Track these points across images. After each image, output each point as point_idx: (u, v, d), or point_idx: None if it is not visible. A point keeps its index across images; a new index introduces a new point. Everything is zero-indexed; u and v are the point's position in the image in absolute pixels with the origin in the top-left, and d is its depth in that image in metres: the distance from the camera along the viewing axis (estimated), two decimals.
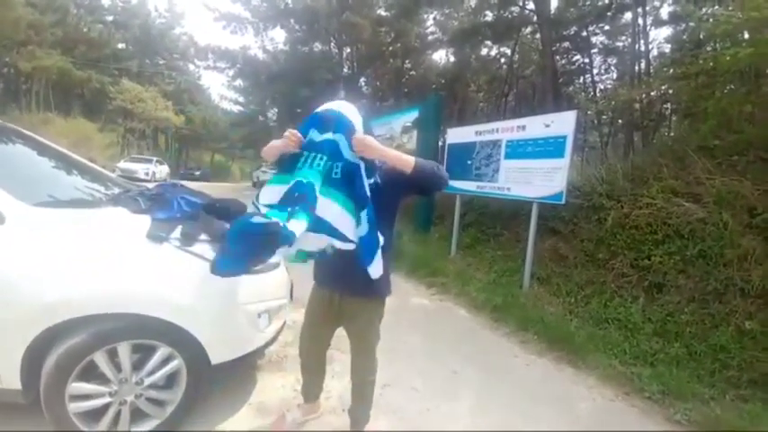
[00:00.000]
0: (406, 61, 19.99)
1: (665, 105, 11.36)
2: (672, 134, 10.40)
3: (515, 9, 14.35)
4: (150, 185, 2.38)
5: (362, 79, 20.71)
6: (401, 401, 2.15)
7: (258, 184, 19.81)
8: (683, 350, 2.75)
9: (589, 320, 3.32)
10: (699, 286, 3.08)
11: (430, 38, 18.81)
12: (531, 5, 12.66)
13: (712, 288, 3.01)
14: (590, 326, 3.24)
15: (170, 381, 1.68)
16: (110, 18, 28.26)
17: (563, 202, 3.71)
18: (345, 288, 1.56)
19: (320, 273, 1.65)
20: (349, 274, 1.51)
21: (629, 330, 3.07)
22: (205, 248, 1.70)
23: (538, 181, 3.92)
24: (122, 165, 16.06)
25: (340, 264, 1.51)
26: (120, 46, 29.11)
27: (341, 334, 1.72)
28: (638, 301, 3.30)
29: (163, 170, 18.36)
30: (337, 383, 2.17)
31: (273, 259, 2.00)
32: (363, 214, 1.33)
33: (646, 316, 3.14)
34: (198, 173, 26.14)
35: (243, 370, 2.17)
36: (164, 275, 1.61)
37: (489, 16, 15.56)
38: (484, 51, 19.28)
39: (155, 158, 19.13)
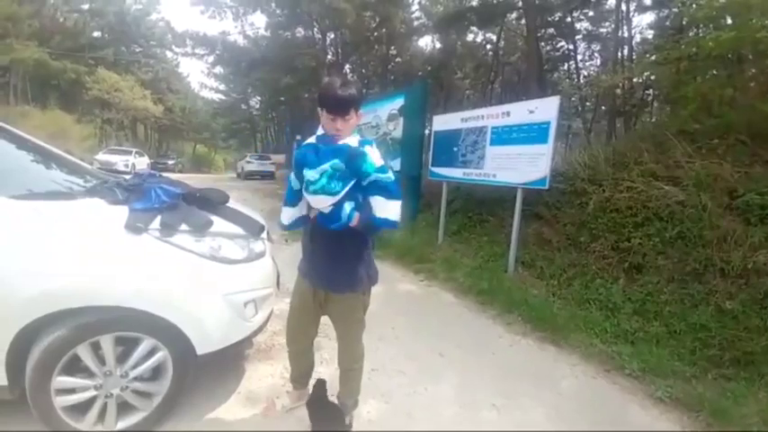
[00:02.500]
0: (392, 48, 19.77)
1: (647, 91, 11.56)
2: (653, 120, 10.60)
3: None
4: (128, 176, 2.32)
5: (347, 66, 20.40)
6: (389, 385, 2.18)
7: (243, 175, 19.48)
8: (663, 329, 2.83)
9: (571, 302, 3.40)
10: (678, 267, 3.17)
11: (415, 23, 18.61)
12: None
13: (691, 269, 3.09)
14: (572, 307, 3.32)
15: (156, 372, 1.66)
16: (85, 6, 27.03)
17: (547, 187, 3.76)
18: (328, 285, 1.56)
19: (304, 266, 1.64)
20: (332, 272, 1.53)
21: (609, 310, 3.16)
22: (186, 239, 1.68)
23: (522, 167, 3.95)
24: (101, 157, 15.60)
25: (323, 261, 1.54)
26: (96, 34, 27.96)
27: (329, 322, 1.72)
28: (618, 282, 3.39)
29: (143, 162, 17.85)
30: (326, 370, 2.18)
31: (259, 248, 1.99)
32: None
33: (626, 296, 3.23)
34: (171, 162, 23.00)
35: (231, 359, 2.18)
36: (143, 266, 1.58)
37: (474, 1, 15.43)
38: (470, 38, 19.22)
39: (134, 150, 18.60)
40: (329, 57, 18.00)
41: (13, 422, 1.63)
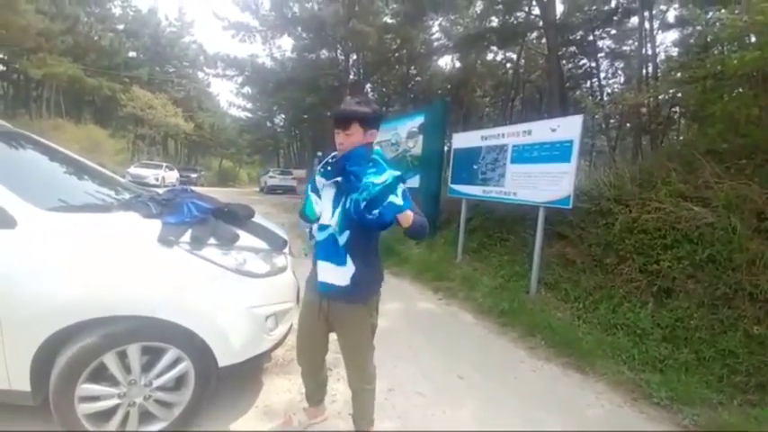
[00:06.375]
0: (412, 67, 20.16)
1: (673, 109, 11.29)
2: (680, 138, 10.32)
3: (521, 14, 14.41)
4: (160, 191, 2.43)
5: (369, 85, 20.87)
6: (406, 406, 2.15)
7: (265, 189, 19.97)
8: (692, 356, 2.71)
9: (597, 326, 3.28)
10: (708, 291, 3.04)
11: (435, 44, 18.94)
12: (536, 11, 12.69)
13: (721, 293, 2.96)
14: (598, 331, 3.20)
15: (178, 383, 1.70)
16: (120, 27, 28.73)
17: (570, 206, 3.69)
18: (329, 293, 1.52)
19: (309, 280, 1.64)
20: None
21: (637, 336, 3.03)
22: (213, 252, 1.74)
23: (544, 185, 3.91)
24: (132, 170, 16.31)
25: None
26: (131, 54, 29.63)
27: None
28: (646, 306, 3.26)
29: (172, 176, 18.58)
30: (343, 387, 2.16)
31: (281, 262, 2.04)
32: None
33: (655, 321, 3.10)
34: (194, 175, 22.77)
35: (250, 373, 2.19)
36: (173, 278, 1.64)
37: (495, 22, 15.61)
38: (489, 56, 19.38)
39: (164, 164, 19.40)
40: (351, 77, 18.48)
41: (24, 424, 1.68)
